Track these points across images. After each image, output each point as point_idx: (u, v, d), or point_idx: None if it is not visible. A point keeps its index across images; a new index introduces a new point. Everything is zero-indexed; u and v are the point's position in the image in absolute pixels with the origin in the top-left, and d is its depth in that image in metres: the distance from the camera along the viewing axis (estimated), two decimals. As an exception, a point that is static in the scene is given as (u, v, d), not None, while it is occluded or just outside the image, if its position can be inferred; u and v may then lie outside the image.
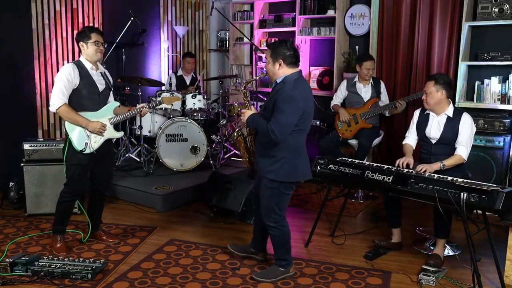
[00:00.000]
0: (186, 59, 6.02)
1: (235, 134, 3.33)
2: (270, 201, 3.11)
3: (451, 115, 3.58)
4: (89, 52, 3.51)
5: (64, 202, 3.58)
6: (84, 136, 3.50)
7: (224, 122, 5.82)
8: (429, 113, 3.67)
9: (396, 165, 3.55)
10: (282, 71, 3.03)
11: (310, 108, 3.08)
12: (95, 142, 3.53)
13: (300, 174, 3.12)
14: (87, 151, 3.49)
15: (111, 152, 3.87)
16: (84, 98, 3.50)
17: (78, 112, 3.48)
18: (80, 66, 3.50)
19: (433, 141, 3.63)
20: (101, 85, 3.60)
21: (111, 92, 3.76)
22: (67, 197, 3.58)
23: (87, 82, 3.50)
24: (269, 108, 3.00)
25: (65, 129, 3.52)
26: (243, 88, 3.28)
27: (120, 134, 3.81)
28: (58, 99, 3.40)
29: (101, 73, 3.63)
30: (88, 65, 3.52)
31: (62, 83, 3.40)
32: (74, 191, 3.58)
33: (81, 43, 3.52)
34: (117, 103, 3.74)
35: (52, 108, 3.42)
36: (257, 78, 3.49)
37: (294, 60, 3.03)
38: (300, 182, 3.26)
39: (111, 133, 3.64)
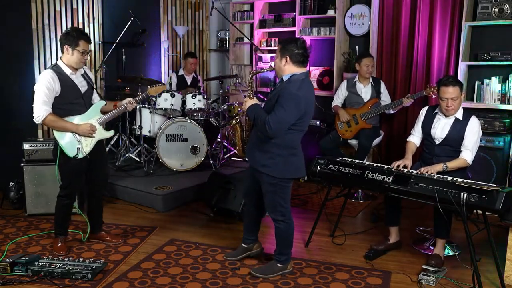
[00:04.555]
0: (188, 60, 6.02)
1: (234, 121, 3.36)
2: (274, 197, 3.15)
3: (460, 118, 3.52)
4: (73, 59, 3.39)
5: (63, 205, 3.58)
6: (75, 141, 3.43)
7: (225, 107, 5.96)
8: (437, 113, 3.62)
9: (392, 166, 3.53)
10: (288, 68, 3.04)
11: (311, 110, 3.12)
12: (87, 145, 3.48)
13: (294, 171, 3.15)
14: (80, 156, 3.44)
15: (103, 152, 3.79)
16: (68, 103, 3.41)
17: (64, 117, 3.39)
18: (59, 72, 3.37)
19: (437, 142, 3.59)
20: (83, 87, 3.50)
21: (94, 90, 3.66)
22: (65, 200, 3.57)
23: (69, 87, 3.40)
24: (272, 102, 3.02)
25: (53, 136, 3.44)
26: (249, 78, 3.33)
27: (111, 133, 3.73)
28: (41, 110, 3.29)
29: (81, 74, 3.51)
30: (67, 71, 3.40)
31: (43, 92, 3.29)
32: (71, 194, 3.58)
33: (66, 47, 3.38)
34: (103, 102, 3.64)
35: (37, 120, 3.32)
36: (265, 70, 3.52)
37: (301, 59, 3.03)
38: (295, 179, 3.28)
39: (102, 134, 3.59)
